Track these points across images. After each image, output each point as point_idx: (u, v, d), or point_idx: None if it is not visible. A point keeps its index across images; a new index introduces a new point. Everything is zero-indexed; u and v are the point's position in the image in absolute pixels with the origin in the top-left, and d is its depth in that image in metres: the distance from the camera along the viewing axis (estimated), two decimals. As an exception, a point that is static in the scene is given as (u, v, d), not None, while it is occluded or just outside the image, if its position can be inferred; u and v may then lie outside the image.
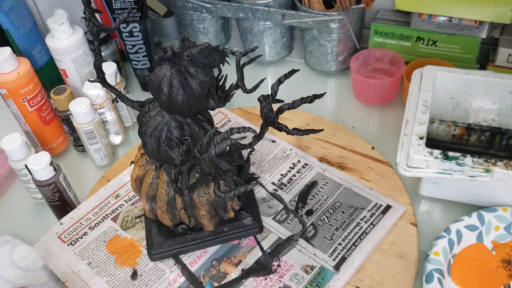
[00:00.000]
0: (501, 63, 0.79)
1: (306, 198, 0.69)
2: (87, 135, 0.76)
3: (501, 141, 0.70)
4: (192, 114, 0.57)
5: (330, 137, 0.77)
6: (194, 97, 0.54)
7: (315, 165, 0.73)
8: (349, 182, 0.71)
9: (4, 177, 0.80)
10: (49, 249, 0.67)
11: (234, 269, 0.62)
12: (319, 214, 0.67)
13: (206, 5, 0.90)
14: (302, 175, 0.72)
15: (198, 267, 0.63)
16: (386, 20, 0.86)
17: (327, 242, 0.64)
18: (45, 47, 0.85)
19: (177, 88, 0.53)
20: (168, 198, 0.60)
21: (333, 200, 0.68)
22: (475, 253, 0.61)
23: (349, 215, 0.66)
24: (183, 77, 0.53)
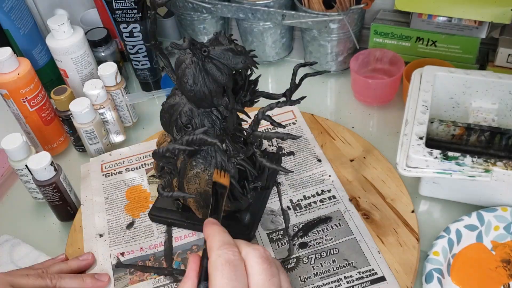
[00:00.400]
0: (501, 63, 0.79)
1: (310, 230, 0.64)
2: (87, 135, 0.76)
3: (500, 141, 0.70)
4: (204, 106, 0.57)
5: (378, 181, 0.69)
6: (202, 92, 0.54)
7: (342, 202, 0.67)
8: (362, 234, 0.63)
9: (4, 177, 0.80)
10: (90, 171, 0.76)
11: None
12: (310, 251, 0.62)
13: (206, 5, 0.90)
14: (322, 205, 0.67)
15: (179, 244, 0.65)
16: (386, 20, 0.86)
17: (298, 283, 0.59)
18: (46, 47, 0.85)
19: (187, 78, 0.54)
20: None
21: (333, 244, 0.62)
22: (474, 253, 0.61)
23: (336, 267, 0.60)
24: (197, 69, 0.53)
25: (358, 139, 0.76)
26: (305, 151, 0.75)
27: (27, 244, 0.70)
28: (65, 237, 0.70)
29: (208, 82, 0.54)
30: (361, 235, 0.63)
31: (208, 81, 0.54)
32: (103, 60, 0.89)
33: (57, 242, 0.71)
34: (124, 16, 0.84)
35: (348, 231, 0.64)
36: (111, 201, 0.73)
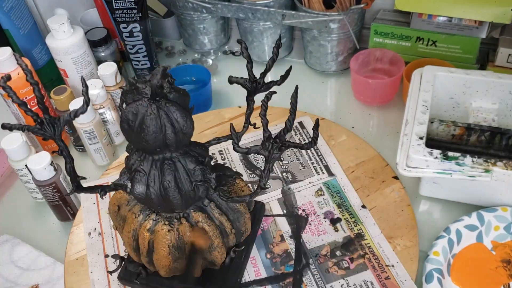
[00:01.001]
0: (501, 63, 0.79)
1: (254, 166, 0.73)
2: (87, 135, 0.76)
3: (500, 141, 0.70)
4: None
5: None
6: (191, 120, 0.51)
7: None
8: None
9: (4, 177, 0.80)
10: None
11: (286, 243, 0.65)
12: (277, 164, 0.62)
13: (206, 5, 0.90)
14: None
15: (264, 270, 0.63)
16: (386, 20, 0.86)
17: (305, 170, 0.74)
18: (45, 47, 0.85)
19: (184, 117, 0.48)
20: (218, 230, 0.56)
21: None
22: (474, 253, 0.61)
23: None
24: (177, 106, 0.49)
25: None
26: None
27: (27, 244, 0.70)
28: (65, 237, 0.70)
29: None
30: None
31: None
32: (103, 60, 0.89)
33: (57, 242, 0.71)
34: (124, 16, 0.84)
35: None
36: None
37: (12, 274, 0.67)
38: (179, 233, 0.54)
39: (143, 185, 0.52)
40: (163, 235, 0.54)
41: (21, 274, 0.67)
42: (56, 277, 0.66)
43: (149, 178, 0.52)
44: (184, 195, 0.52)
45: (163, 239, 0.54)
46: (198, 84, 0.90)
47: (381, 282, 0.59)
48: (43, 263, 0.68)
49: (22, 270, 0.67)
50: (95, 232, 0.69)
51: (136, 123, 0.48)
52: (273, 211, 0.69)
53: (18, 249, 0.70)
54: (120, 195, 0.57)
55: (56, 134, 0.49)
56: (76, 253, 0.67)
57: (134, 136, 0.49)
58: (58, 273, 0.66)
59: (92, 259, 0.66)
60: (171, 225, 0.54)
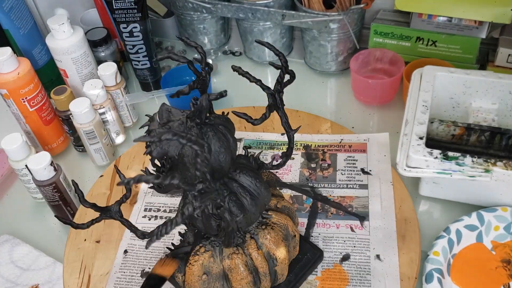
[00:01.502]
0: (501, 63, 0.79)
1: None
2: (87, 135, 0.76)
3: (500, 141, 0.70)
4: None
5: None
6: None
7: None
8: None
9: (4, 177, 0.80)
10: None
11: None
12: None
13: (206, 5, 0.90)
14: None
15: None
16: (386, 20, 0.86)
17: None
18: (45, 47, 0.85)
19: (225, 142, 0.49)
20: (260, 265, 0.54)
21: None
22: (474, 253, 0.61)
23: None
24: (216, 132, 0.48)
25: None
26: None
27: (27, 244, 0.70)
28: (65, 237, 0.70)
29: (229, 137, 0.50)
30: None
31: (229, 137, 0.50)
32: (103, 60, 0.89)
33: (57, 242, 0.71)
34: (124, 16, 0.84)
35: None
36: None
37: (12, 274, 0.67)
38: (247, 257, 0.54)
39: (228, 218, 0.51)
40: (237, 263, 0.53)
41: (21, 274, 0.67)
42: (56, 277, 0.66)
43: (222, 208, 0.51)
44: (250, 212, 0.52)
45: (238, 266, 0.53)
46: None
47: (350, 150, 0.70)
48: (43, 263, 0.68)
49: (22, 270, 0.67)
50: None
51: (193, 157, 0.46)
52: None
53: (18, 249, 0.70)
54: (199, 263, 0.54)
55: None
56: (75, 253, 0.67)
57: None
58: (58, 273, 0.66)
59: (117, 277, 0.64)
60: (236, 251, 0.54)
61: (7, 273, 0.67)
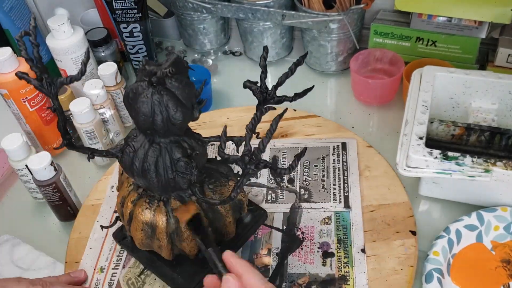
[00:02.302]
0: (501, 63, 0.79)
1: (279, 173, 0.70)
2: (87, 135, 0.76)
3: (500, 141, 0.70)
4: (184, 129, 0.55)
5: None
6: (188, 110, 0.52)
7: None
8: (299, 143, 0.77)
9: (4, 177, 0.80)
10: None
11: (270, 258, 0.63)
12: (299, 178, 0.72)
13: (206, 5, 0.90)
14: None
15: None
16: (386, 21, 0.86)
17: (324, 193, 0.70)
18: (46, 47, 0.85)
19: (175, 107, 0.51)
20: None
21: (300, 162, 0.66)
22: (474, 253, 0.61)
23: (322, 165, 0.74)
24: (172, 95, 0.51)
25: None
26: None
27: (27, 244, 0.70)
28: (65, 237, 0.70)
29: (185, 98, 0.52)
30: (299, 143, 0.77)
31: (185, 97, 0.52)
32: (103, 60, 0.89)
33: (57, 242, 0.71)
34: (124, 16, 0.84)
35: (293, 150, 0.69)
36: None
37: (13, 274, 0.67)
38: (154, 214, 0.57)
39: (129, 160, 0.55)
40: (140, 211, 0.57)
41: (21, 274, 0.67)
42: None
43: (136, 155, 0.54)
44: (162, 181, 0.54)
45: (139, 214, 0.57)
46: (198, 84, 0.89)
47: None
48: (43, 263, 0.68)
49: (23, 270, 0.67)
50: (116, 187, 0.70)
51: (133, 102, 0.51)
52: (274, 222, 0.67)
53: (19, 249, 0.70)
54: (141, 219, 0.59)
55: (52, 92, 0.53)
56: (94, 200, 0.73)
57: (131, 113, 0.53)
58: (59, 273, 0.66)
59: (104, 210, 0.71)
60: (151, 204, 0.57)
61: (7, 273, 0.67)
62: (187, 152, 0.54)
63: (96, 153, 0.57)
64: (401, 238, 0.63)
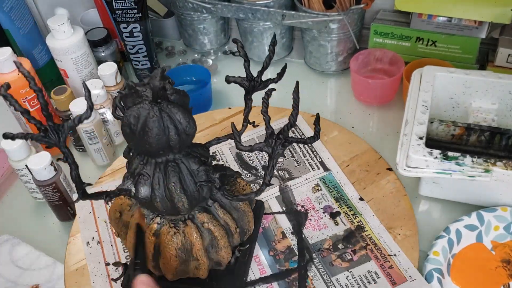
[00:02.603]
0: (501, 63, 0.79)
1: (249, 166, 0.75)
2: (87, 135, 0.76)
3: (500, 141, 0.70)
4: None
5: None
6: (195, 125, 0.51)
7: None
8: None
9: (4, 177, 0.80)
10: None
11: (288, 240, 0.65)
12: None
13: (206, 5, 0.90)
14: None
15: (270, 267, 0.63)
16: (386, 21, 0.86)
17: (301, 167, 0.75)
18: (46, 47, 0.85)
19: (186, 118, 0.49)
20: (224, 229, 0.56)
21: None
22: (474, 253, 0.61)
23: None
24: (178, 107, 0.49)
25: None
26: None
27: (27, 244, 0.70)
28: (65, 237, 0.70)
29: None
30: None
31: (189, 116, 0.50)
32: (103, 60, 0.89)
33: (57, 242, 0.71)
34: (124, 16, 0.84)
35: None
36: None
37: (13, 274, 0.67)
38: (185, 235, 0.54)
39: (147, 189, 0.51)
40: (169, 238, 0.53)
41: (21, 274, 0.67)
42: (56, 277, 0.66)
43: (154, 181, 0.51)
44: (189, 196, 0.52)
45: (170, 242, 0.53)
46: (198, 84, 0.90)
47: (385, 271, 0.60)
48: (44, 263, 0.68)
49: (23, 270, 0.67)
50: (93, 241, 0.67)
51: (139, 127, 0.48)
52: (272, 208, 0.69)
53: (19, 249, 0.70)
54: (122, 201, 0.57)
55: (60, 141, 0.48)
56: (75, 264, 0.66)
57: (137, 140, 0.49)
58: (59, 273, 0.66)
59: (93, 268, 0.65)
60: (177, 227, 0.54)
61: (7, 273, 0.67)
62: (202, 160, 0.53)
63: (111, 195, 0.52)
64: (384, 177, 0.71)
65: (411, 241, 0.63)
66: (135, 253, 0.53)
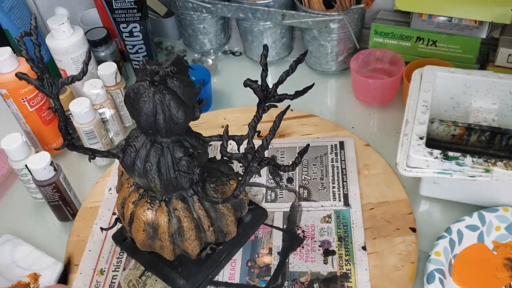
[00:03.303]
0: (501, 63, 0.79)
1: (278, 172, 0.73)
2: (87, 135, 0.76)
3: (501, 141, 0.70)
4: (186, 129, 0.55)
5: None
6: (189, 110, 0.53)
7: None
8: (297, 142, 0.77)
9: (4, 177, 0.80)
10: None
11: (271, 257, 0.63)
12: (298, 177, 0.73)
13: (206, 5, 0.90)
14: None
15: (239, 276, 0.62)
16: (386, 20, 0.86)
17: (323, 192, 0.70)
18: (45, 47, 0.85)
19: (177, 106, 0.51)
20: (194, 223, 0.57)
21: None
22: (476, 253, 0.61)
23: (321, 164, 0.74)
24: (173, 94, 0.51)
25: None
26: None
27: (28, 244, 0.70)
28: (65, 237, 0.70)
29: (186, 97, 0.52)
30: (296, 143, 0.77)
31: (187, 97, 0.52)
32: (103, 60, 0.89)
33: (57, 242, 0.71)
34: (124, 16, 0.84)
35: (291, 149, 0.75)
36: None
37: (13, 274, 0.67)
38: (156, 214, 0.56)
39: (131, 160, 0.54)
40: (141, 211, 0.57)
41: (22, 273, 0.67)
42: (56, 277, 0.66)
43: (137, 155, 0.54)
44: (164, 181, 0.54)
45: (141, 215, 0.57)
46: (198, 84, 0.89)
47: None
48: (45, 263, 0.67)
49: (23, 270, 0.67)
50: (114, 189, 0.71)
51: (134, 102, 0.51)
52: (274, 222, 0.67)
53: (20, 249, 0.69)
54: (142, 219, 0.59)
55: (53, 92, 0.53)
56: (93, 202, 0.73)
57: (132, 114, 0.52)
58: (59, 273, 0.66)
59: (102, 212, 0.71)
60: (152, 204, 0.57)
61: (8, 272, 0.67)
62: (189, 151, 0.54)
63: (97, 154, 0.57)
64: (402, 235, 0.63)
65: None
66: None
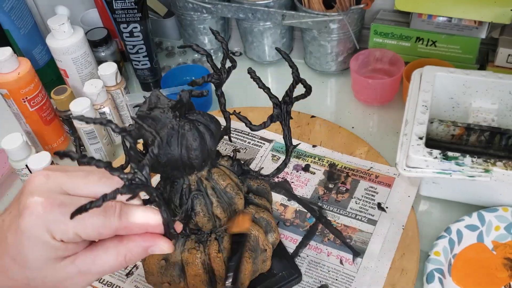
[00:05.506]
0: (501, 63, 0.79)
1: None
2: (87, 135, 0.76)
3: (500, 141, 0.70)
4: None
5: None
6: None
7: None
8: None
9: (4, 177, 0.80)
10: None
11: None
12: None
13: (206, 5, 0.90)
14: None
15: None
16: (386, 21, 0.86)
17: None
18: (46, 47, 0.85)
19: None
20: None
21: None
22: (475, 253, 0.61)
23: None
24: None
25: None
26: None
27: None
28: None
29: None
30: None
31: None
32: (103, 60, 0.89)
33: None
34: (124, 16, 0.84)
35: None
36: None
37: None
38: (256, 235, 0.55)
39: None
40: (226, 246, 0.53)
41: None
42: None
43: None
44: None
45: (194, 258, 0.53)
46: (198, 84, 0.89)
47: (376, 181, 0.71)
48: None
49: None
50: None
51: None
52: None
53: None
54: (156, 256, 0.54)
55: (148, 182, 0.38)
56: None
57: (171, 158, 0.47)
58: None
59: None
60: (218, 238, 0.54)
61: (7, 273, 0.67)
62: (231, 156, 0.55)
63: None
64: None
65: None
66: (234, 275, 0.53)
